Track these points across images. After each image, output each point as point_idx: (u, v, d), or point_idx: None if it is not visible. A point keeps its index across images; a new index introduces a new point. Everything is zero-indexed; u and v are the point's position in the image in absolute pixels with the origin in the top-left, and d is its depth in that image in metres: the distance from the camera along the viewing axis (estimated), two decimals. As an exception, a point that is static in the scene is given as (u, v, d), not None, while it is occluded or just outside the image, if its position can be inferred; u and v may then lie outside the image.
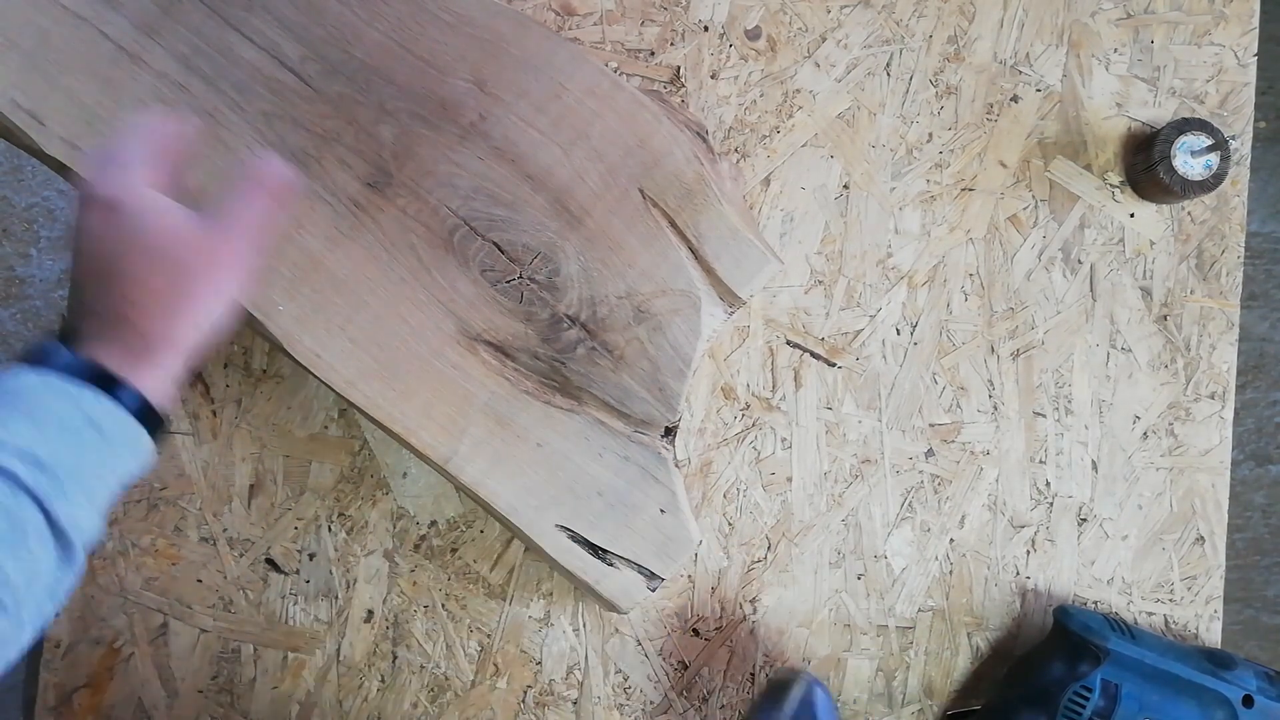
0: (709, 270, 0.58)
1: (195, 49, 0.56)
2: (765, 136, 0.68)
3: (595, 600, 0.61)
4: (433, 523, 0.66)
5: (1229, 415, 0.69)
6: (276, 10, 0.56)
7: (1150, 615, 0.68)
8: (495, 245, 0.57)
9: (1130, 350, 0.68)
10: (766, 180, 0.68)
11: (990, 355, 0.68)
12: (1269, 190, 1.50)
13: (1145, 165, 0.66)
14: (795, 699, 0.59)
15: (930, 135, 0.68)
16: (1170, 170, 0.64)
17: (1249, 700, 0.60)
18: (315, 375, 0.57)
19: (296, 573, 0.66)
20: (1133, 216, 0.69)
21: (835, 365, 0.67)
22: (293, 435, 0.66)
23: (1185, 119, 0.64)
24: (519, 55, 0.57)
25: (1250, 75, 0.69)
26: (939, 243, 0.68)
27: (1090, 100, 0.69)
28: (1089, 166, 0.69)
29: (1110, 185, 0.69)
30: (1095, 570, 0.68)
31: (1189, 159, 0.64)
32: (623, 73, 0.67)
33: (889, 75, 0.68)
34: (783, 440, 0.67)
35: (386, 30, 0.57)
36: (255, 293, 0.55)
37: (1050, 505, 0.68)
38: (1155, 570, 0.68)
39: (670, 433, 0.60)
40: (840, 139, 0.68)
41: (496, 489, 0.57)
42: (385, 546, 0.66)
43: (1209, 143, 0.64)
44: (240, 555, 0.66)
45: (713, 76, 0.68)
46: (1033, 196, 0.68)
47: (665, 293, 0.57)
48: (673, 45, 0.67)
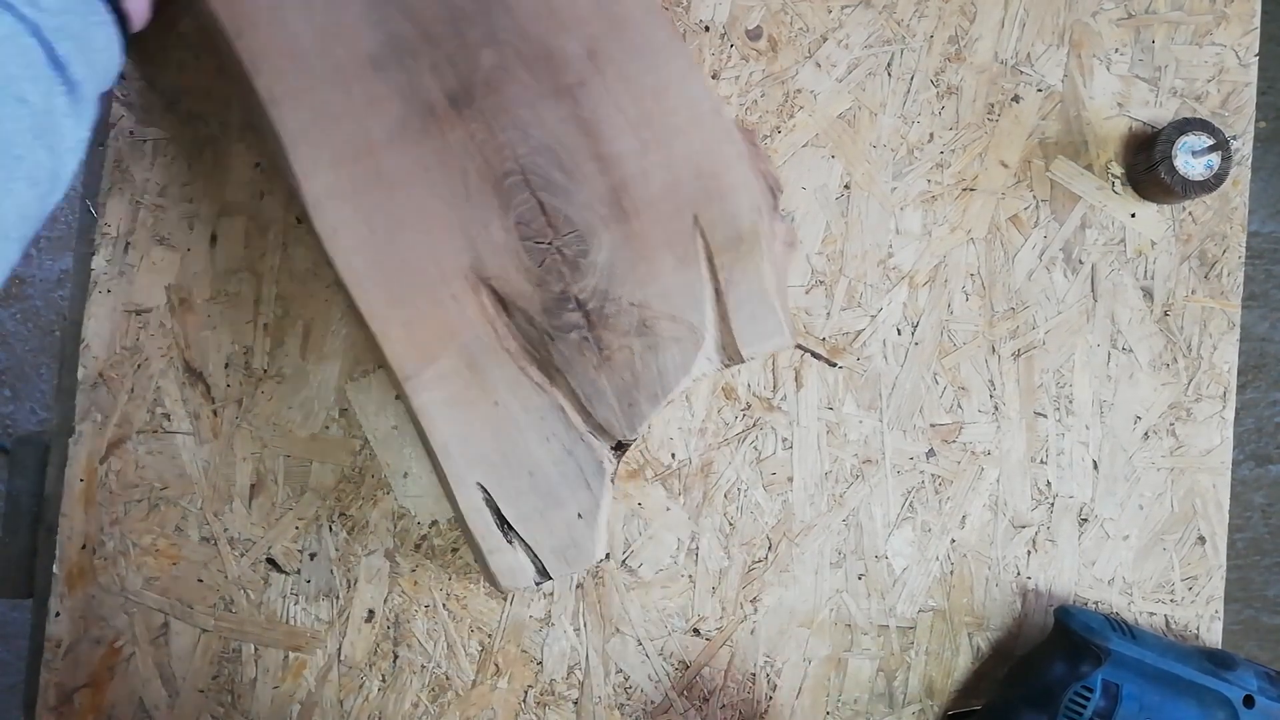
0: (724, 318, 0.58)
1: None
2: (766, 137, 0.68)
3: (482, 570, 0.61)
4: (434, 522, 0.66)
5: (1230, 415, 0.69)
6: None
7: (1151, 615, 0.68)
8: (540, 205, 0.56)
9: (1131, 350, 0.68)
10: (767, 180, 0.68)
11: (991, 355, 0.68)
12: (1270, 190, 1.50)
13: (1146, 165, 0.66)
14: None
15: (931, 135, 0.68)
16: (1171, 170, 0.64)
17: (1250, 700, 0.60)
18: (325, 251, 0.56)
19: (297, 572, 0.66)
20: (1134, 217, 0.69)
21: (836, 365, 0.67)
22: (294, 435, 0.66)
23: (1186, 119, 0.64)
24: (639, 42, 0.57)
25: (1251, 75, 0.69)
26: (940, 243, 0.68)
27: (1091, 100, 0.69)
28: (1090, 166, 0.69)
29: (1113, 176, 0.69)
30: (1096, 570, 0.68)
31: (1190, 159, 0.64)
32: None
33: (890, 75, 0.68)
34: (783, 440, 0.67)
35: None
36: (303, 154, 0.55)
37: (1051, 505, 0.68)
38: (1156, 570, 0.68)
39: (621, 448, 0.59)
40: (841, 139, 0.68)
41: (440, 424, 0.57)
42: (386, 546, 0.66)
43: (1210, 143, 0.64)
44: (241, 555, 0.66)
45: (714, 76, 0.68)
46: (1034, 196, 0.68)
47: (675, 319, 0.57)
48: (674, 45, 0.67)
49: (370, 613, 0.66)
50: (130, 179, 0.67)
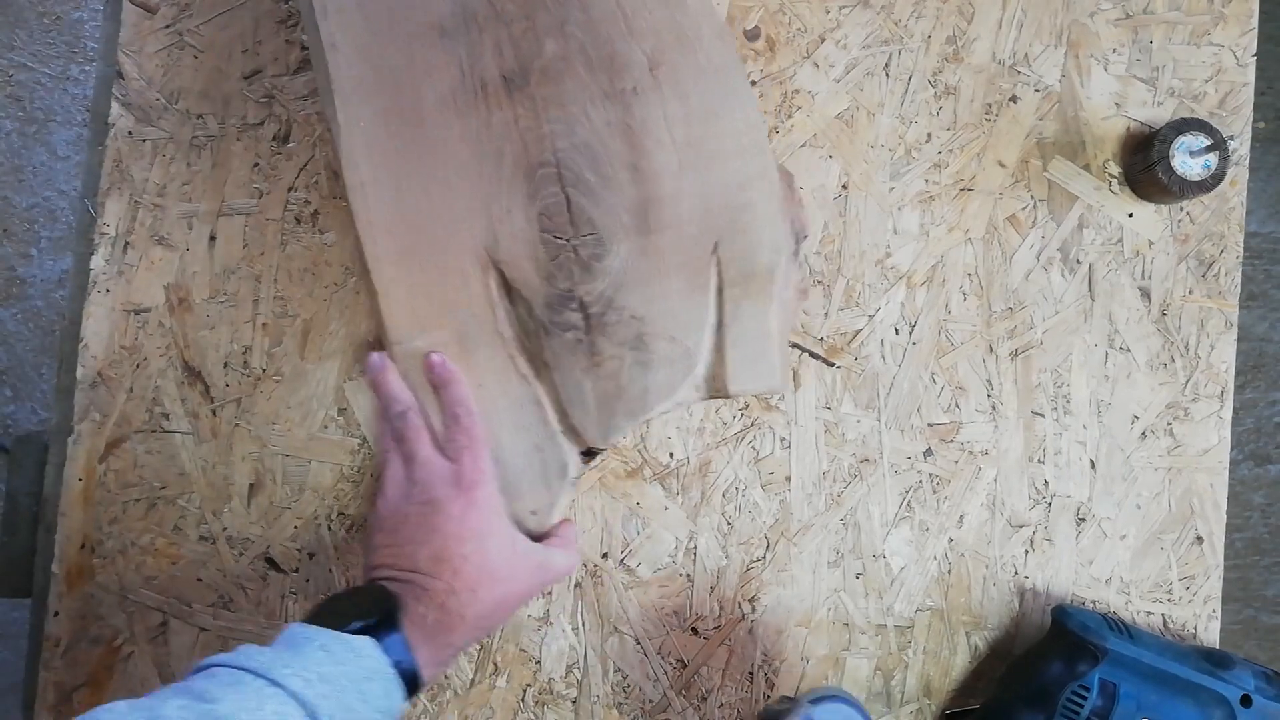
0: (720, 350, 0.57)
1: None
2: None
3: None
4: (432, 522, 0.66)
5: (1228, 415, 0.69)
6: None
7: (1149, 615, 0.68)
8: (567, 201, 0.56)
9: (1129, 350, 0.68)
10: (765, 180, 0.68)
11: (989, 355, 0.68)
12: (1268, 190, 1.50)
13: (1144, 165, 0.66)
14: None
15: (929, 135, 0.68)
16: (1169, 170, 0.64)
17: (1247, 700, 0.60)
18: (349, 200, 0.56)
19: (296, 571, 0.66)
20: (1131, 217, 0.69)
21: (834, 365, 0.67)
22: (292, 434, 0.66)
23: (1184, 119, 0.64)
24: (702, 63, 0.57)
25: (1249, 75, 0.70)
26: (938, 243, 0.68)
27: (1089, 100, 0.69)
28: (1088, 166, 0.69)
29: (1110, 176, 0.69)
30: (1093, 570, 0.68)
31: (1188, 159, 0.64)
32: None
33: (888, 75, 0.69)
34: (781, 440, 0.67)
35: None
36: (351, 105, 0.56)
37: (1049, 505, 0.68)
38: (1153, 570, 0.68)
39: (590, 455, 0.59)
40: (839, 139, 0.68)
41: (418, 394, 0.57)
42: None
43: (1208, 143, 0.64)
44: (240, 554, 0.66)
45: (712, 76, 0.68)
46: (1031, 197, 0.69)
47: (673, 341, 0.57)
48: (672, 45, 0.67)
49: (369, 612, 0.66)
50: (129, 178, 0.67)
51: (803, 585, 0.67)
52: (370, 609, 0.50)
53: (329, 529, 0.66)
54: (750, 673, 0.67)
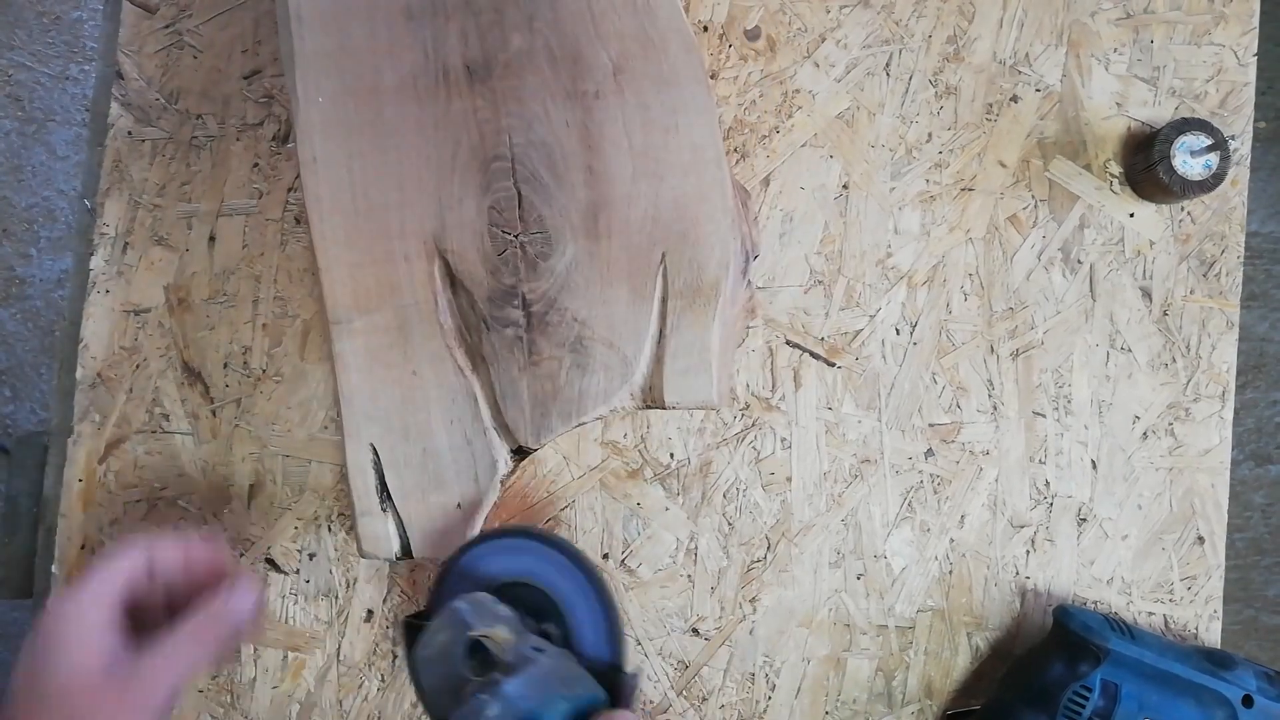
0: (659, 361, 0.57)
1: None
2: (765, 136, 0.68)
3: (352, 527, 0.61)
4: (432, 522, 0.66)
5: (1229, 415, 0.69)
6: None
7: (1150, 615, 0.68)
8: (519, 196, 0.56)
9: (1130, 350, 0.68)
10: (766, 180, 0.68)
11: (990, 355, 0.68)
12: (1269, 190, 1.50)
13: (1145, 165, 0.66)
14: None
15: (930, 135, 0.68)
16: (1170, 170, 0.64)
17: (1249, 700, 0.60)
18: (301, 174, 0.56)
19: (296, 572, 0.66)
20: (1132, 216, 0.69)
21: (835, 365, 0.67)
22: (292, 435, 0.66)
23: (1185, 119, 0.64)
24: (665, 73, 0.57)
25: (1250, 75, 0.69)
26: (938, 243, 0.68)
27: (1090, 100, 0.69)
28: (1088, 166, 0.69)
29: (1111, 175, 0.69)
30: (1095, 570, 0.68)
31: (1189, 159, 0.64)
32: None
33: (888, 75, 0.68)
34: (782, 440, 0.67)
35: None
36: (310, 79, 0.55)
37: (1050, 505, 0.68)
38: (1155, 570, 0.68)
39: (521, 454, 0.59)
40: (840, 139, 0.68)
41: (352, 374, 0.57)
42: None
43: (1209, 143, 0.64)
44: (240, 555, 0.66)
45: (712, 77, 0.68)
46: (1032, 196, 0.68)
47: (611, 347, 0.57)
48: (672, 45, 0.67)
49: (369, 612, 0.66)
50: (129, 179, 0.67)
51: (804, 586, 0.67)
52: None
53: (329, 530, 0.66)
54: (751, 674, 0.67)
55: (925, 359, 0.68)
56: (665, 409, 0.59)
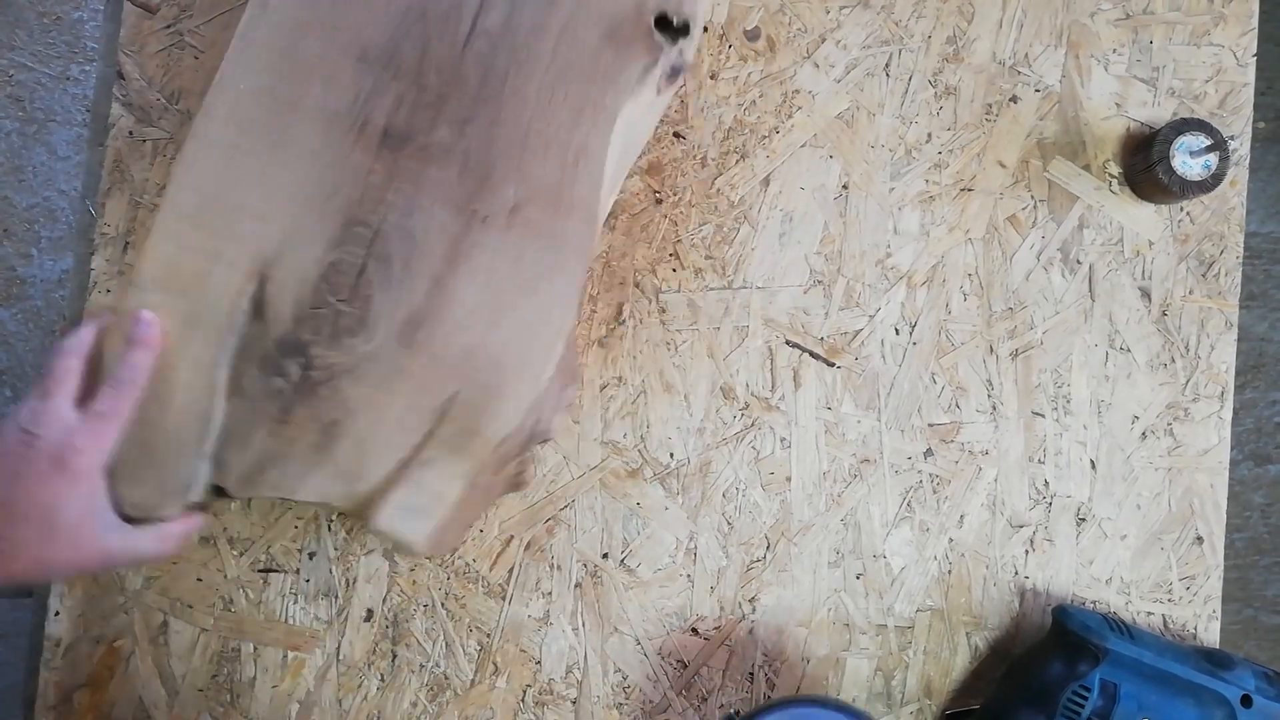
0: (390, 483, 0.56)
1: None
2: (765, 137, 0.68)
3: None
4: (432, 522, 0.66)
5: (1228, 415, 0.69)
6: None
7: (1149, 615, 0.68)
8: (362, 269, 0.55)
9: (1129, 350, 0.68)
10: (766, 180, 0.68)
11: (989, 355, 0.68)
12: (1268, 190, 1.50)
13: (1144, 165, 0.66)
14: None
15: (929, 135, 0.68)
16: (1169, 170, 0.64)
17: (1247, 700, 0.60)
18: (185, 142, 0.56)
19: (296, 572, 0.66)
20: (1132, 217, 0.69)
21: (834, 365, 0.67)
22: (293, 435, 0.66)
23: (1184, 119, 0.64)
24: (556, 234, 0.56)
25: (1249, 75, 0.70)
26: (938, 243, 0.68)
27: (1089, 101, 0.69)
28: (1088, 167, 0.69)
29: (1110, 176, 0.69)
30: (1094, 570, 0.68)
31: (1188, 159, 0.64)
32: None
33: (888, 76, 0.69)
34: (782, 440, 0.67)
35: (540, 93, 0.57)
36: (248, 59, 0.55)
37: (1049, 505, 0.68)
38: (1154, 570, 0.68)
39: (219, 494, 0.57)
40: (839, 139, 0.68)
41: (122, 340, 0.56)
42: (385, 545, 0.66)
43: (1208, 143, 0.64)
44: (240, 554, 0.66)
45: (712, 77, 0.68)
46: (1031, 197, 0.69)
47: (359, 449, 0.56)
48: (672, 45, 0.67)
49: (369, 612, 0.66)
50: (129, 179, 0.67)
51: (803, 585, 0.67)
52: None
53: (329, 529, 0.66)
54: (750, 673, 0.67)
55: (925, 359, 0.68)
56: (363, 523, 0.58)
